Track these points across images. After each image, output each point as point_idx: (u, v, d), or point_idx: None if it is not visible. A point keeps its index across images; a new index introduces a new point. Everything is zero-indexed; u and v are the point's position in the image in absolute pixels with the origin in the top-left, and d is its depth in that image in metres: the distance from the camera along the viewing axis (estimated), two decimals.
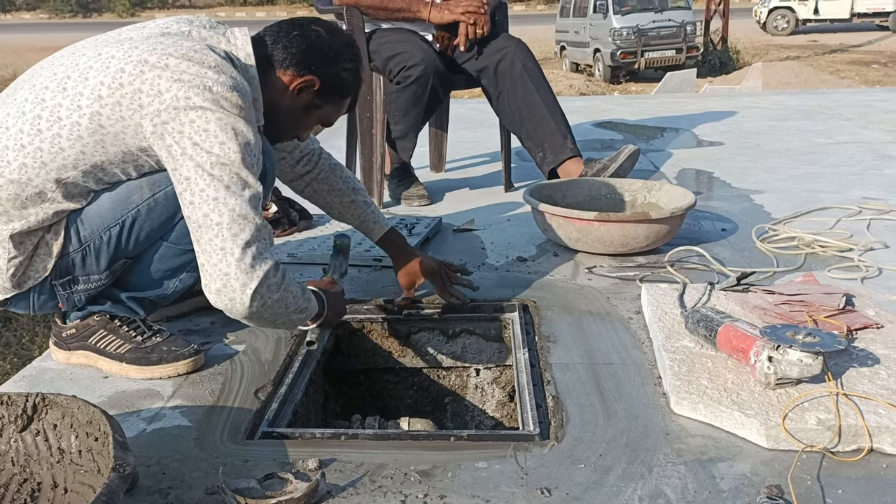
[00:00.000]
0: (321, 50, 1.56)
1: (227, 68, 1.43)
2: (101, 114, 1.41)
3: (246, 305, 1.39)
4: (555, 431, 1.41)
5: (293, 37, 1.56)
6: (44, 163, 1.44)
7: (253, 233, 1.38)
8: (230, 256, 1.36)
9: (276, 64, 1.55)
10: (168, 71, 1.38)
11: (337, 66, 1.58)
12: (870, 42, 19.21)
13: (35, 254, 1.53)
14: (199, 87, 1.37)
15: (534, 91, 2.86)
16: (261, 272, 1.38)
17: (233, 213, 1.37)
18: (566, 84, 13.26)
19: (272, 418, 1.48)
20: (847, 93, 6.56)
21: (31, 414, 1.25)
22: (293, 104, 1.59)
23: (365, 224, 1.97)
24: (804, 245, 2.36)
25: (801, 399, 1.38)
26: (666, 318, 1.75)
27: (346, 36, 1.64)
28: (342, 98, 1.65)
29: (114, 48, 1.46)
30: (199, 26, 1.54)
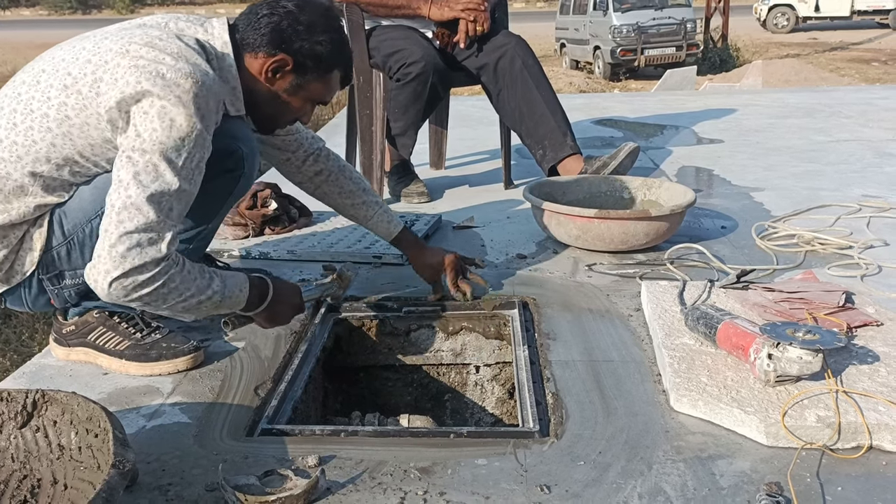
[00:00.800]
0: (290, 25, 1.50)
1: (191, 56, 1.40)
2: (67, 104, 1.41)
3: (104, 290, 1.35)
4: (554, 428, 1.41)
5: (261, 17, 1.51)
6: (19, 156, 1.44)
7: (139, 224, 1.32)
8: (106, 241, 1.33)
9: (248, 48, 1.52)
10: (127, 57, 1.38)
11: (309, 40, 1.51)
12: (870, 40, 19.20)
13: (21, 248, 1.52)
14: (151, 72, 1.35)
15: (534, 88, 2.86)
16: (128, 265, 1.32)
17: (127, 201, 1.33)
18: (566, 81, 13.25)
19: (272, 415, 1.48)
20: (847, 90, 6.56)
21: (30, 410, 1.25)
22: (272, 88, 1.55)
23: (378, 225, 1.96)
24: (804, 243, 2.36)
25: (801, 396, 1.38)
26: (666, 315, 1.75)
27: (319, 6, 1.54)
28: (326, 73, 1.57)
29: (88, 41, 1.46)
30: (177, 19, 1.54)
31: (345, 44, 1.58)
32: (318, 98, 1.61)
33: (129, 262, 1.32)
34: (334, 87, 1.61)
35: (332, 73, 1.58)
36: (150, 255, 1.34)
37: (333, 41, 1.54)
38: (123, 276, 1.33)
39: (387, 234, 1.98)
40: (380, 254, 2.29)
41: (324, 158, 1.91)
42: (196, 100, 1.37)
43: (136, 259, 1.33)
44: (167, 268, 1.36)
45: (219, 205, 1.67)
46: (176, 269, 1.38)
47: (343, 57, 1.59)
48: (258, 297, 1.56)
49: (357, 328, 2.01)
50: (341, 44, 1.57)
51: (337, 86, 1.62)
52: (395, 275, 2.21)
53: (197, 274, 1.43)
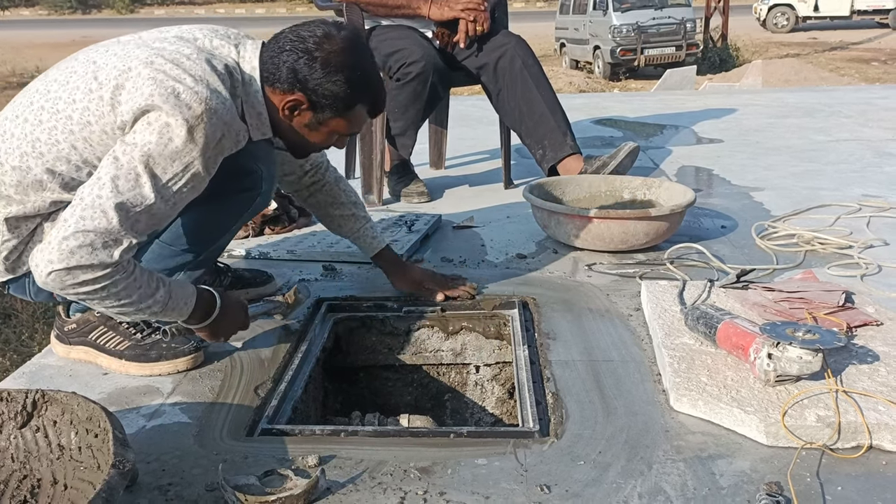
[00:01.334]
0: (306, 64, 1.47)
1: (214, 81, 1.40)
2: (89, 109, 1.41)
3: (41, 277, 1.33)
4: (554, 428, 1.41)
5: (281, 52, 1.48)
6: (41, 153, 1.45)
7: (98, 226, 1.31)
8: (60, 232, 1.32)
9: (268, 81, 1.50)
10: (150, 69, 1.38)
11: (325, 79, 1.47)
12: (870, 39, 19.20)
13: (31, 240, 1.53)
14: (167, 89, 1.35)
15: (533, 88, 2.86)
16: (73, 262, 1.30)
17: (97, 200, 1.33)
18: (566, 81, 13.26)
19: (272, 415, 1.48)
20: (847, 90, 6.56)
21: (30, 410, 1.25)
22: (291, 123, 1.54)
23: (362, 238, 1.97)
24: (804, 242, 2.36)
25: (801, 396, 1.38)
26: (665, 315, 1.75)
27: (341, 41, 1.49)
28: (345, 110, 1.53)
29: (120, 47, 1.47)
30: (213, 34, 1.53)
31: (367, 78, 1.53)
32: (343, 132, 1.59)
33: (76, 260, 1.31)
34: (359, 121, 1.59)
35: (353, 110, 1.54)
36: (99, 259, 1.32)
37: (351, 79, 1.49)
38: (65, 270, 1.31)
39: (369, 250, 1.99)
40: None
41: (323, 170, 1.91)
42: (202, 127, 1.36)
43: (83, 258, 1.31)
44: (113, 273, 1.34)
45: (232, 221, 1.68)
46: (122, 275, 1.36)
47: (366, 93, 1.54)
48: (203, 314, 1.54)
49: (357, 328, 2.01)
50: (362, 80, 1.51)
51: (362, 119, 1.59)
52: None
53: (144, 282, 1.41)
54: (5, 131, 1.48)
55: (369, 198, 2.97)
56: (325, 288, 2.12)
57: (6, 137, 1.47)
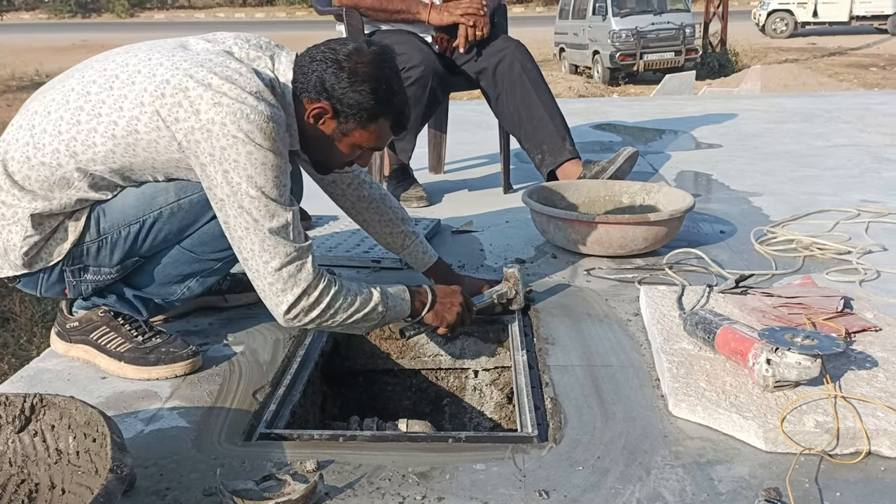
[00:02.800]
0: (334, 73, 1.51)
1: (267, 95, 1.45)
2: (140, 119, 1.44)
3: (286, 323, 1.52)
4: (553, 433, 1.41)
5: (312, 62, 1.53)
6: (74, 152, 1.47)
7: (283, 259, 1.46)
8: (262, 280, 1.48)
9: (299, 91, 1.54)
10: (210, 91, 1.41)
11: (350, 89, 1.50)
12: (868, 45, 19.23)
13: (52, 237, 1.55)
14: (236, 114, 1.39)
15: (532, 93, 2.86)
16: (291, 296, 1.48)
17: (263, 243, 1.45)
18: (565, 86, 13.28)
19: (270, 419, 1.48)
20: (845, 96, 6.57)
21: (28, 415, 1.25)
22: (317, 132, 1.57)
23: (413, 254, 1.98)
24: (802, 248, 2.36)
25: (800, 402, 1.38)
26: (664, 320, 1.75)
27: (370, 54, 1.52)
28: (369, 121, 1.55)
29: (164, 56, 1.48)
30: (247, 45, 1.56)
31: (392, 92, 1.55)
32: (366, 145, 1.60)
33: (293, 293, 1.48)
34: (383, 135, 1.60)
35: (377, 122, 1.56)
36: (305, 280, 1.48)
37: (376, 90, 1.52)
38: (292, 306, 1.48)
39: (420, 265, 1.99)
40: (379, 258, 2.29)
41: (367, 186, 1.92)
42: (277, 140, 1.44)
43: (295, 289, 1.48)
44: (325, 287, 1.50)
45: None
46: (334, 286, 1.52)
47: (390, 106, 1.56)
48: (420, 303, 1.69)
49: None
50: (387, 93, 1.54)
51: (386, 133, 1.61)
52: (395, 279, 2.20)
53: (355, 289, 1.56)
54: (34, 125, 1.50)
55: None
56: None
57: (36, 132, 1.49)
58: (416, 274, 2.03)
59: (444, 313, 1.72)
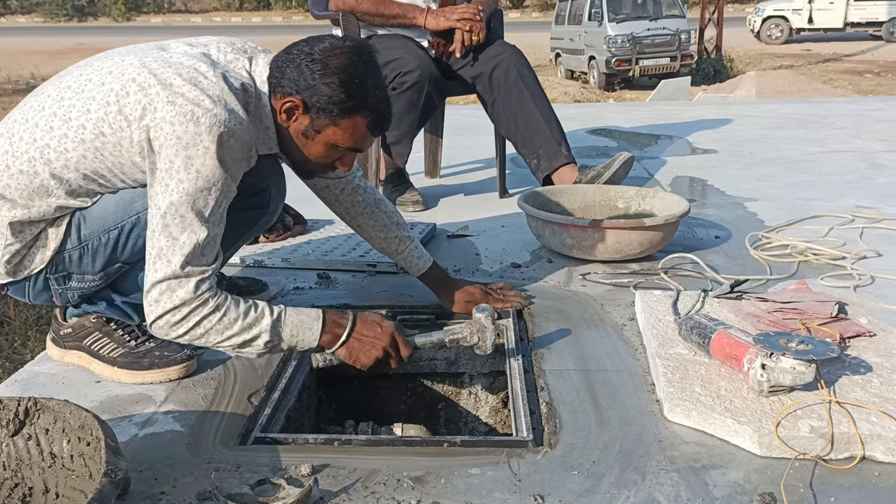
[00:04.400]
0: (307, 66, 1.46)
1: (231, 101, 1.42)
2: (105, 120, 1.42)
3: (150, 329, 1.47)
4: (548, 438, 1.41)
5: (287, 58, 1.49)
6: (48, 160, 1.46)
7: (169, 272, 1.39)
8: (145, 284, 1.43)
9: (273, 88, 1.51)
10: (168, 91, 1.39)
11: (319, 82, 1.45)
12: (863, 51, 19.32)
13: (34, 245, 1.54)
14: (186, 115, 1.37)
15: (528, 98, 2.87)
16: (160, 309, 1.41)
17: (161, 251, 1.40)
18: (561, 91, 13.32)
19: (265, 423, 1.48)
20: (840, 102, 6.60)
21: (22, 418, 1.24)
22: (290, 130, 1.53)
23: (407, 259, 1.94)
24: (797, 253, 2.36)
25: (794, 407, 1.39)
26: (659, 324, 1.75)
27: (346, 49, 1.48)
28: (340, 117, 1.48)
29: (137, 57, 1.48)
30: (230, 47, 1.54)
31: (366, 87, 1.48)
32: (342, 144, 1.54)
33: (161, 307, 1.41)
34: (359, 134, 1.53)
35: (350, 118, 1.49)
36: (179, 298, 1.40)
37: (347, 83, 1.45)
38: (159, 318, 1.42)
39: (415, 270, 1.95)
40: (374, 262, 2.29)
41: (361, 191, 1.88)
42: (224, 149, 1.39)
43: (166, 303, 1.41)
44: (198, 307, 1.41)
45: (236, 237, 1.67)
46: (207, 308, 1.42)
47: (363, 102, 1.48)
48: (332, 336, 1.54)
49: None
50: (360, 87, 1.47)
51: (362, 132, 1.53)
52: (390, 283, 2.21)
53: (242, 314, 1.44)
54: (13, 134, 1.49)
55: None
56: (319, 296, 2.12)
57: (14, 140, 1.48)
58: (412, 279, 2.03)
59: (359, 353, 1.55)
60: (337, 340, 1.54)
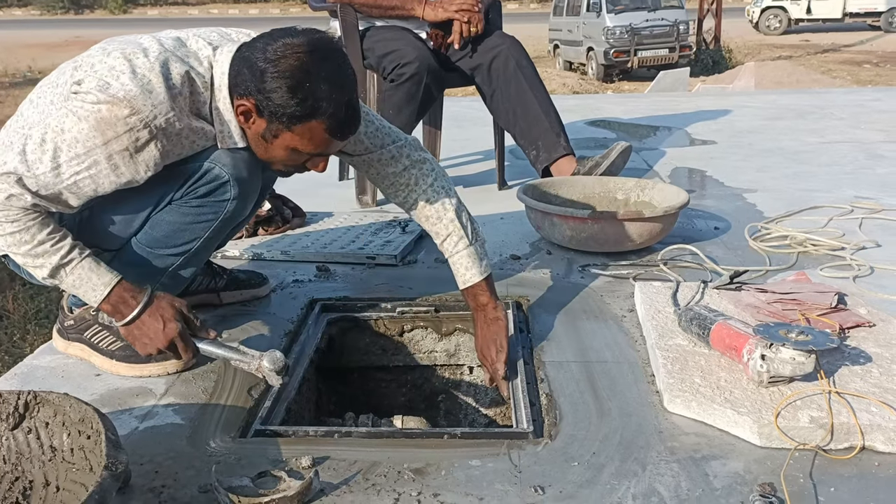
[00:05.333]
0: (259, 69, 1.38)
1: (156, 87, 1.38)
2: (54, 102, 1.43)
3: None
4: (548, 429, 1.41)
5: (245, 53, 1.43)
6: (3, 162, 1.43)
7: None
8: None
9: (231, 86, 1.45)
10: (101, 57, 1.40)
11: (268, 85, 1.38)
12: (861, 42, 19.28)
13: None
14: (101, 79, 1.37)
15: (527, 89, 2.86)
16: None
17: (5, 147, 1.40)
18: (559, 82, 13.27)
19: (265, 416, 1.47)
20: (839, 92, 6.59)
21: (22, 412, 1.24)
22: (249, 133, 1.49)
23: (454, 266, 1.74)
24: (797, 244, 2.36)
25: (794, 397, 1.39)
26: (659, 315, 1.75)
27: (293, 48, 1.37)
28: (294, 123, 1.41)
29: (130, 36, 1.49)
30: (201, 37, 1.51)
31: (320, 91, 1.38)
32: (302, 149, 1.46)
33: None
34: (318, 139, 1.45)
35: (305, 125, 1.41)
36: None
37: (296, 89, 1.37)
38: None
39: (458, 282, 1.75)
40: (373, 254, 2.29)
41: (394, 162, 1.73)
42: (115, 122, 1.36)
43: None
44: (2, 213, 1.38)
45: (204, 228, 1.60)
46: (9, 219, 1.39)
47: (316, 108, 1.39)
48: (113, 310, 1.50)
49: (350, 329, 2.00)
50: (313, 92, 1.38)
51: (321, 137, 1.44)
52: (389, 275, 2.21)
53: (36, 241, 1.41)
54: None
55: (363, 199, 2.97)
56: (318, 289, 2.11)
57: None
58: (412, 272, 2.01)
59: (136, 341, 1.52)
60: (120, 318, 1.51)
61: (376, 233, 2.51)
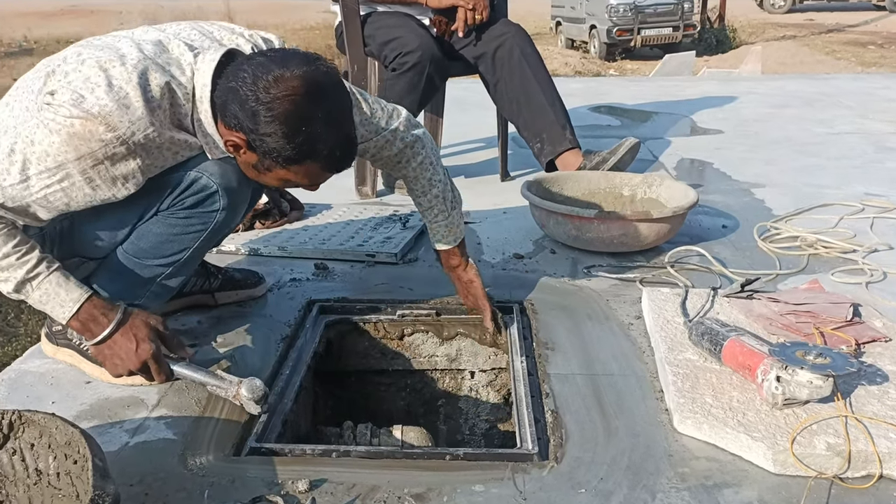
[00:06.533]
0: (250, 109, 1.29)
1: (134, 97, 1.30)
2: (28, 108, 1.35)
3: None
4: (554, 451, 1.36)
5: (233, 85, 1.31)
6: None
7: None
8: None
9: (216, 109, 1.37)
10: (78, 64, 1.32)
11: (263, 129, 1.30)
12: (866, 22, 19.04)
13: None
14: (75, 92, 1.29)
15: (532, 79, 2.79)
16: None
17: None
18: (561, 62, 13.11)
19: (261, 432, 1.42)
20: (847, 78, 6.48)
21: (7, 432, 1.19)
22: (238, 159, 1.41)
23: (431, 231, 1.84)
24: (807, 245, 2.31)
25: (810, 422, 1.34)
26: (668, 326, 1.70)
27: (287, 88, 1.28)
28: (289, 164, 1.35)
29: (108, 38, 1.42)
30: (181, 39, 1.42)
31: (316, 136, 1.32)
32: (294, 181, 1.42)
33: None
34: (313, 175, 1.40)
35: (301, 164, 1.36)
36: None
37: (293, 136, 1.30)
38: None
39: (436, 244, 1.86)
40: (373, 252, 2.23)
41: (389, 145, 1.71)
42: (88, 138, 1.28)
43: None
44: None
45: (193, 239, 1.54)
46: None
47: (312, 151, 1.34)
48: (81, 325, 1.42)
49: (349, 332, 1.95)
50: (309, 138, 1.31)
51: (316, 173, 1.40)
52: (389, 274, 2.15)
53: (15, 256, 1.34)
54: None
55: (363, 189, 2.91)
56: (316, 288, 2.05)
57: None
58: (412, 271, 1.96)
59: (106, 361, 1.45)
60: (90, 336, 1.43)
61: (376, 228, 2.45)
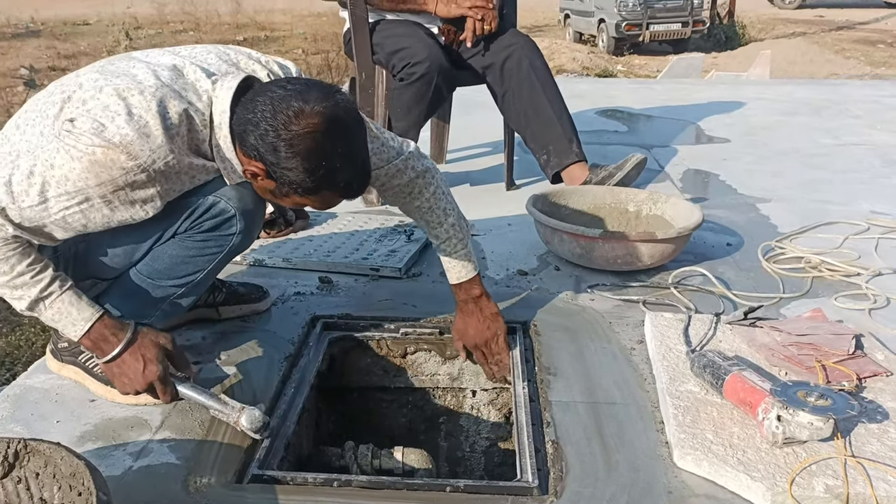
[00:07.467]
0: (270, 143, 1.32)
1: (154, 125, 1.31)
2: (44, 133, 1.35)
3: None
4: (554, 484, 1.37)
5: (252, 115, 1.33)
6: None
7: None
8: None
9: (236, 137, 1.39)
10: (102, 95, 1.32)
11: (284, 163, 1.32)
12: (876, 20, 18.92)
13: None
14: (96, 121, 1.29)
15: (540, 92, 2.78)
16: None
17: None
18: (569, 56, 13.04)
19: (263, 458, 1.43)
20: (855, 85, 6.45)
21: (12, 461, 1.20)
22: (255, 185, 1.44)
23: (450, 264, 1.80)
24: (811, 267, 2.31)
25: (809, 462, 1.34)
26: (670, 354, 1.70)
27: (308, 123, 1.30)
28: (307, 194, 1.38)
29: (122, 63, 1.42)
30: (198, 66, 1.43)
31: (336, 170, 1.35)
32: (310, 206, 1.46)
33: None
34: (329, 202, 1.45)
35: (319, 194, 1.39)
36: None
37: (314, 170, 1.33)
38: None
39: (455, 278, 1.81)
40: (377, 266, 2.23)
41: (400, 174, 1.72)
42: (109, 166, 1.30)
43: None
44: None
45: (208, 261, 1.57)
46: None
47: (331, 183, 1.37)
48: (91, 343, 1.46)
49: (352, 348, 1.96)
50: (328, 171, 1.34)
51: (333, 201, 1.44)
52: (393, 289, 2.16)
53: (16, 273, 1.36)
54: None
55: (368, 197, 2.90)
56: (320, 303, 2.06)
57: None
58: (416, 286, 1.96)
59: (115, 379, 1.50)
60: (101, 354, 1.47)
61: (380, 240, 2.45)
